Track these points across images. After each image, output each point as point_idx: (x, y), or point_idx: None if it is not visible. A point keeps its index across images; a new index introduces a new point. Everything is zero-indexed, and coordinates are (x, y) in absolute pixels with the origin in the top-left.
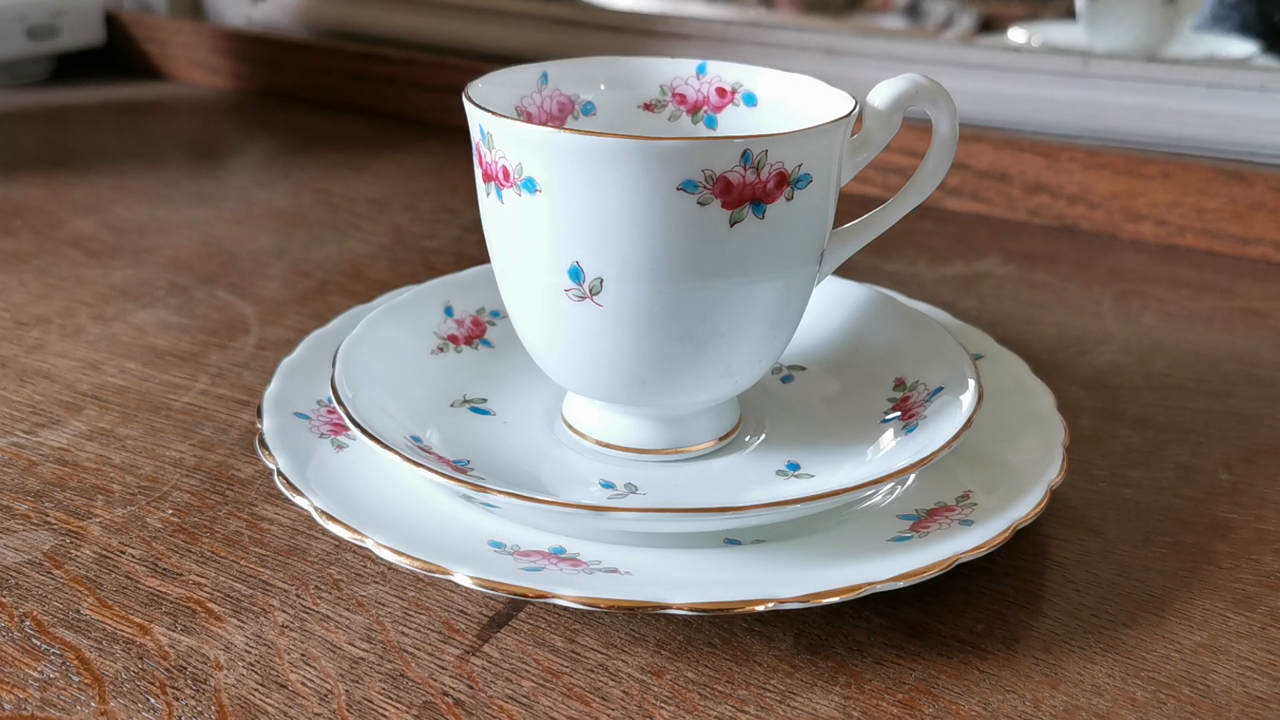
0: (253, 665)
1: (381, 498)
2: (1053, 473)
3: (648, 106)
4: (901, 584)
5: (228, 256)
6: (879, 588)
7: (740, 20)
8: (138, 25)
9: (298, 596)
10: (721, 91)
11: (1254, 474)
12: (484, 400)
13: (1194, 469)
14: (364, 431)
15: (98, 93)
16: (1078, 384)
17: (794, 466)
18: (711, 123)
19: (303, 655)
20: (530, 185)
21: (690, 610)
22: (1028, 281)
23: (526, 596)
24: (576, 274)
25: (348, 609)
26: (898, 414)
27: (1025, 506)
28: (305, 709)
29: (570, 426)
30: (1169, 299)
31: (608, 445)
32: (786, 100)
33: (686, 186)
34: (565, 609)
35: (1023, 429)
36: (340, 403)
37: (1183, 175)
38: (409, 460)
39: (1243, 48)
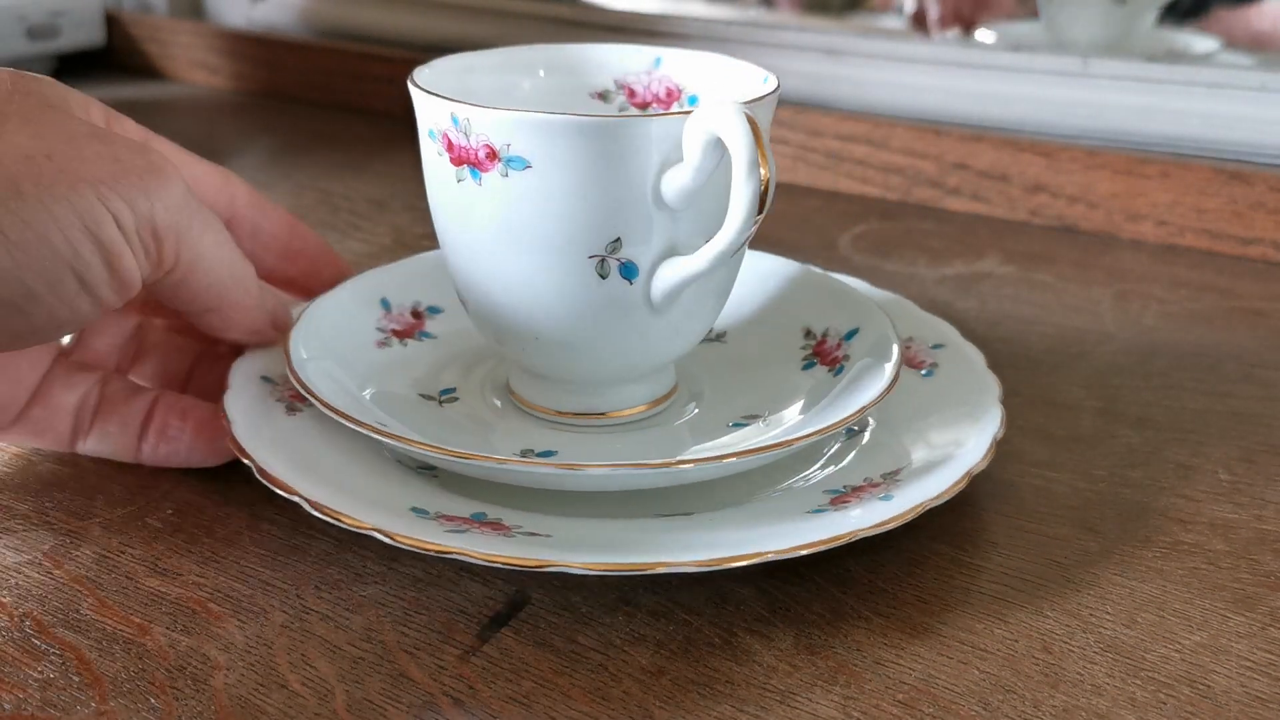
0: (253, 665)
1: (320, 463)
2: (974, 458)
3: (600, 95)
4: (802, 553)
5: None
6: (769, 557)
7: (740, 20)
8: (138, 25)
9: (298, 596)
10: (670, 92)
11: (1254, 474)
12: (455, 389)
13: (1194, 469)
14: (302, 384)
15: (98, 93)
16: (1078, 384)
17: (741, 425)
18: None
19: (303, 655)
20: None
21: (584, 569)
22: (1028, 281)
23: (448, 553)
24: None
25: (348, 609)
26: (816, 359)
27: (936, 488)
28: (305, 709)
29: (511, 391)
30: (1169, 299)
31: (540, 410)
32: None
33: (430, 135)
34: (564, 607)
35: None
36: (289, 357)
37: (1183, 175)
38: (337, 412)
39: (1205, 44)
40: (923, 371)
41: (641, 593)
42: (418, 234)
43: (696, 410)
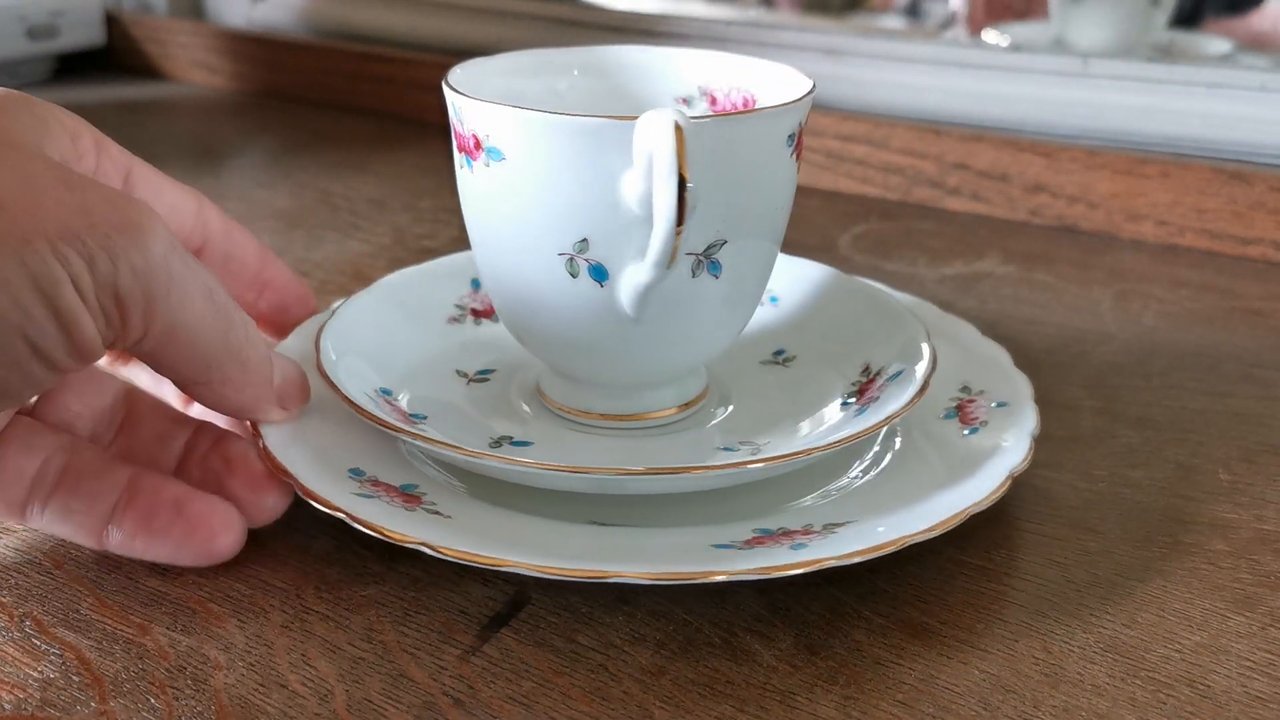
0: (253, 665)
1: (322, 426)
2: (902, 532)
3: (684, 100)
4: (659, 583)
5: None
6: (611, 579)
7: (740, 20)
8: (138, 25)
9: (297, 596)
10: (747, 101)
11: (1254, 474)
12: (493, 370)
13: (1194, 469)
14: (324, 375)
15: (98, 93)
16: (1078, 384)
17: (731, 449)
18: None
19: (303, 655)
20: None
21: (440, 554)
22: (1028, 281)
23: (329, 509)
24: None
25: (348, 609)
26: (856, 397)
27: (843, 548)
28: (305, 709)
29: (540, 391)
30: (1169, 299)
31: (570, 411)
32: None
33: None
34: (564, 607)
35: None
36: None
37: (1183, 175)
38: (323, 373)
39: (1218, 46)
40: (966, 430)
41: (641, 593)
42: (417, 234)
43: (704, 428)
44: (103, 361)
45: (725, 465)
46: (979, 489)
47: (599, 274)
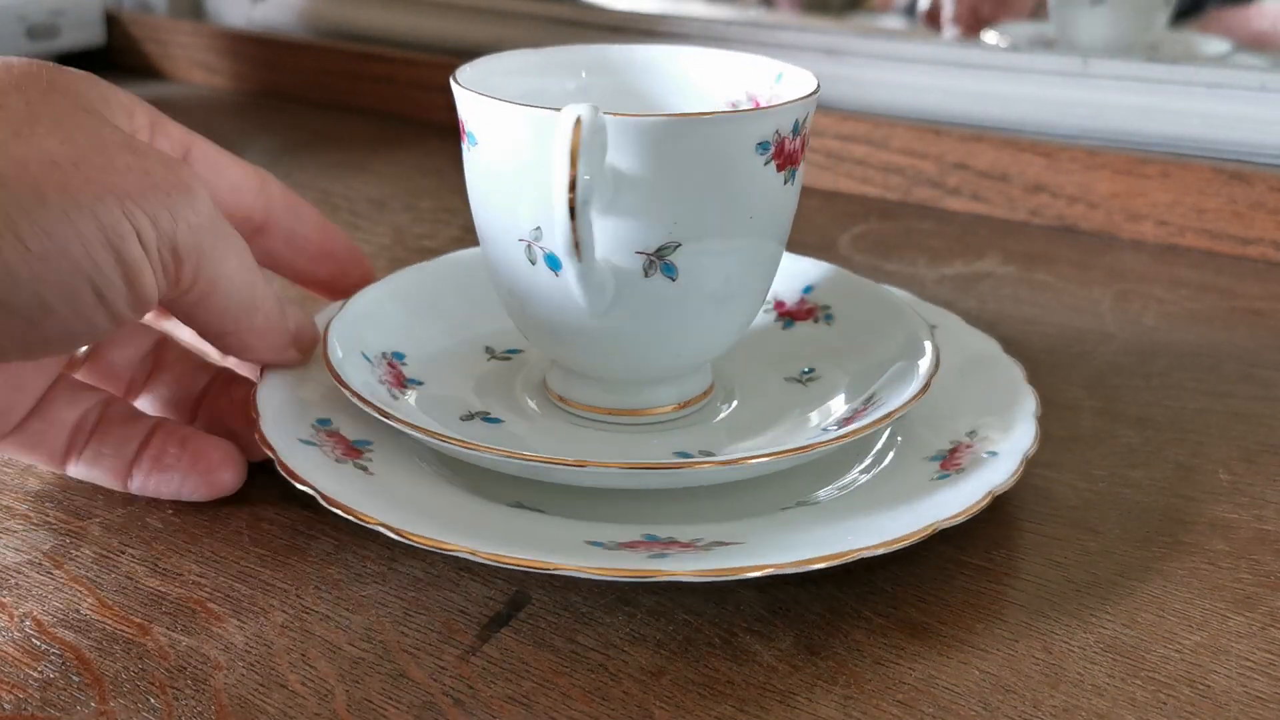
0: (253, 665)
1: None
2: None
3: (732, 105)
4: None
5: None
6: (478, 558)
7: (740, 20)
8: (138, 25)
9: (298, 596)
10: None
11: (1254, 474)
12: (519, 351)
13: (1194, 469)
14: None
15: None
16: (1078, 384)
17: (685, 455)
18: None
19: (303, 655)
20: None
21: (325, 502)
22: (1028, 281)
23: (265, 447)
24: None
25: (348, 609)
26: (846, 422)
27: (702, 566)
28: (305, 709)
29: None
30: (1169, 299)
31: (568, 403)
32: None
33: None
34: (565, 607)
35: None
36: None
37: (1183, 175)
38: (327, 349)
39: (1217, 46)
40: (938, 475)
41: (641, 593)
42: (417, 234)
43: (695, 428)
44: (149, 315)
45: (628, 464)
46: (888, 532)
47: (553, 263)
